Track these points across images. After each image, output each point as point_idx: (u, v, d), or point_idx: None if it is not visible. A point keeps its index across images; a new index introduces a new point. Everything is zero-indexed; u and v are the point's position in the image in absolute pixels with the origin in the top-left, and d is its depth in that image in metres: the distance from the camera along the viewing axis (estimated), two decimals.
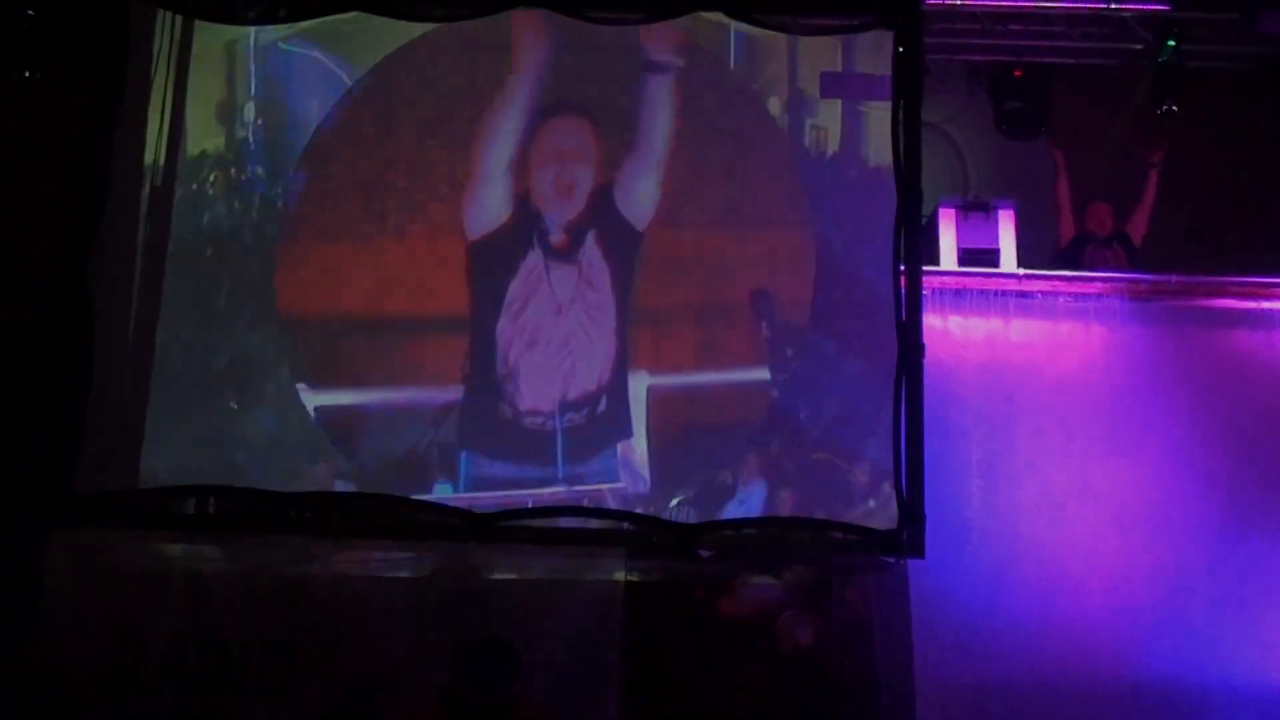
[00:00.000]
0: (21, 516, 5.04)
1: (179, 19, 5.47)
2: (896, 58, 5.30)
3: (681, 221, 5.36)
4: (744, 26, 5.37)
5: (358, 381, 5.26)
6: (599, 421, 5.18)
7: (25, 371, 5.62)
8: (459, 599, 4.92)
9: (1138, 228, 6.24)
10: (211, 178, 5.45)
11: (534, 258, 5.28)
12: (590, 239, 5.30)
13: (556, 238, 5.31)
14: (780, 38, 5.44)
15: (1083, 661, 5.05)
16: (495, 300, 5.26)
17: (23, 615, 4.90)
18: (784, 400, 5.22)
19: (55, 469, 4.97)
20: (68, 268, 5.13)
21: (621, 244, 5.31)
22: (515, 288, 5.27)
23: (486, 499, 5.09)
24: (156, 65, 5.43)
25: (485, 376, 5.22)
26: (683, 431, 5.22)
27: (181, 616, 4.83)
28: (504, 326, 5.25)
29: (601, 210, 5.33)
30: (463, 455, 5.20)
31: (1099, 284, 5.64)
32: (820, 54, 5.44)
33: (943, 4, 6.04)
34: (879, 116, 5.34)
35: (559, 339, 5.22)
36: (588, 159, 5.36)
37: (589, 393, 5.19)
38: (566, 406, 5.16)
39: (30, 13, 6.48)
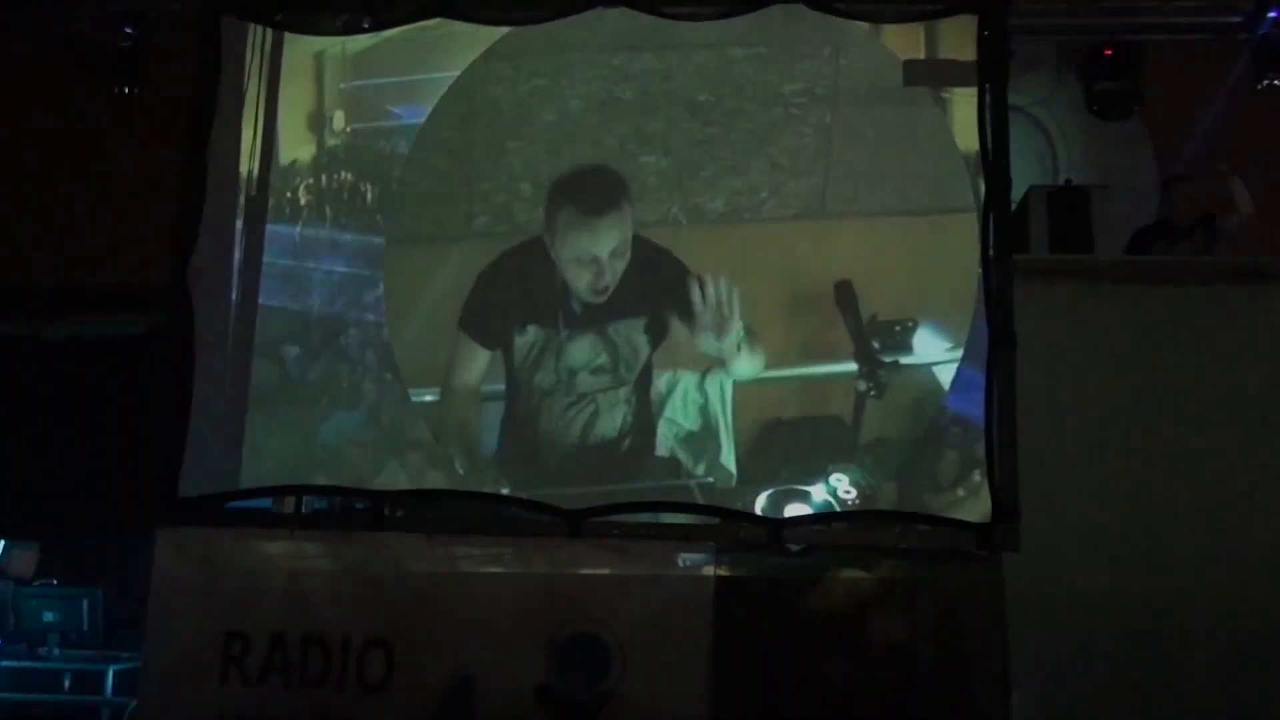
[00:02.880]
0: (131, 518, 5.25)
1: (269, 33, 5.63)
2: (981, 42, 5.20)
3: (764, 215, 5.34)
4: (825, 17, 5.31)
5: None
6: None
7: (133, 378, 5.87)
8: (551, 594, 4.97)
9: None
10: (304, 186, 5.59)
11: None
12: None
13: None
14: (862, 27, 5.37)
15: (1186, 649, 4.89)
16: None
17: (134, 612, 5.11)
18: (871, 392, 5.16)
19: (161, 471, 5.15)
20: (169, 278, 5.30)
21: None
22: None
23: (575, 494, 5.12)
24: (249, 78, 5.60)
25: None
26: (770, 426, 5.19)
27: (283, 612, 4.96)
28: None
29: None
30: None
31: (1198, 269, 5.45)
32: (903, 42, 5.36)
33: None
34: (965, 103, 5.23)
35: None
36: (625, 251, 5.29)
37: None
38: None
39: (128, 30, 6.74)
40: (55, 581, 6.57)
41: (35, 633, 6.28)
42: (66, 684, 6.03)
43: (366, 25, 5.65)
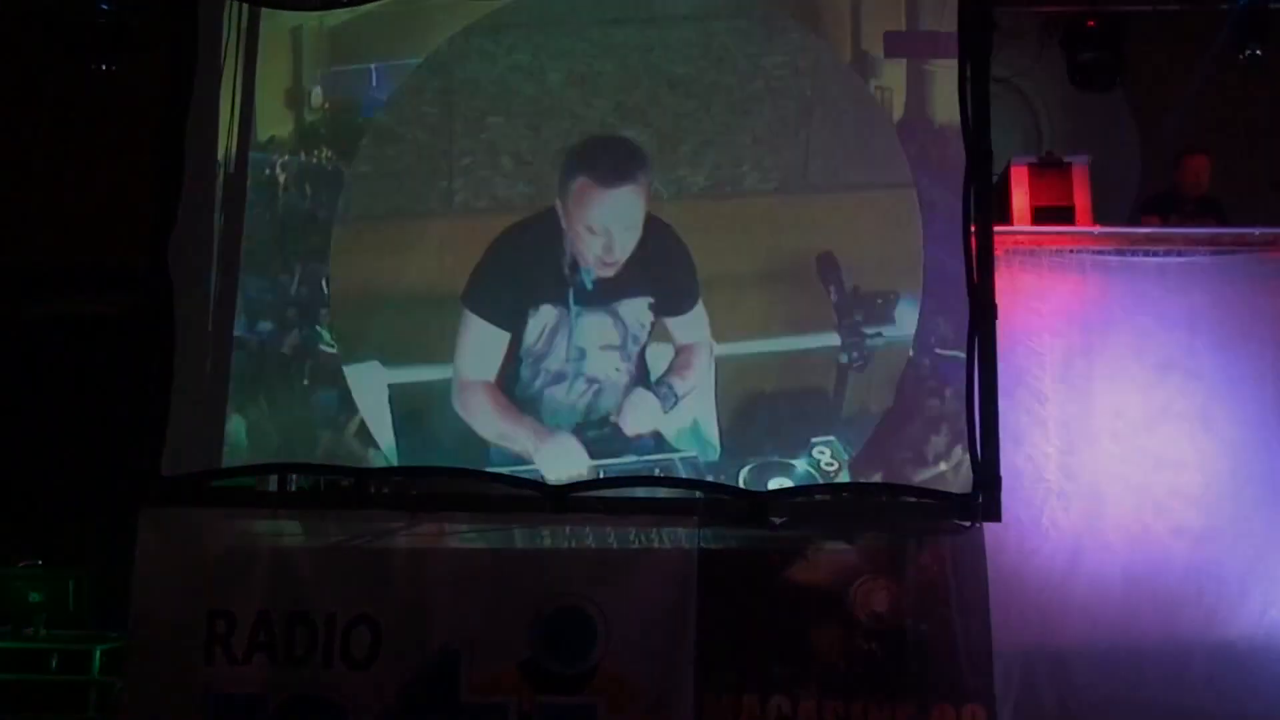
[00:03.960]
0: (114, 497, 5.24)
1: (246, 8, 5.57)
2: (963, 13, 5.18)
3: (745, 188, 5.33)
4: None
5: (430, 357, 5.32)
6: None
7: (114, 358, 5.84)
8: (536, 569, 4.99)
9: None
10: (281, 163, 5.55)
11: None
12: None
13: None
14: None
15: (1166, 623, 4.95)
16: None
17: (119, 592, 5.11)
18: (854, 364, 5.17)
19: (144, 451, 5.13)
20: (148, 257, 5.27)
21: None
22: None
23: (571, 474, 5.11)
24: (225, 54, 5.55)
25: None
26: (752, 399, 5.20)
27: (268, 590, 4.96)
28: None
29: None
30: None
31: (1177, 239, 5.47)
32: (884, 13, 5.34)
33: None
34: (946, 74, 5.22)
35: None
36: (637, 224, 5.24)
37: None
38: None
39: (104, 7, 6.67)
40: (40, 561, 6.56)
41: (21, 613, 6.26)
42: (53, 664, 6.03)
43: None
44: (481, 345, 5.24)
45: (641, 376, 5.23)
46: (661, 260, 5.25)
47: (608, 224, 5.24)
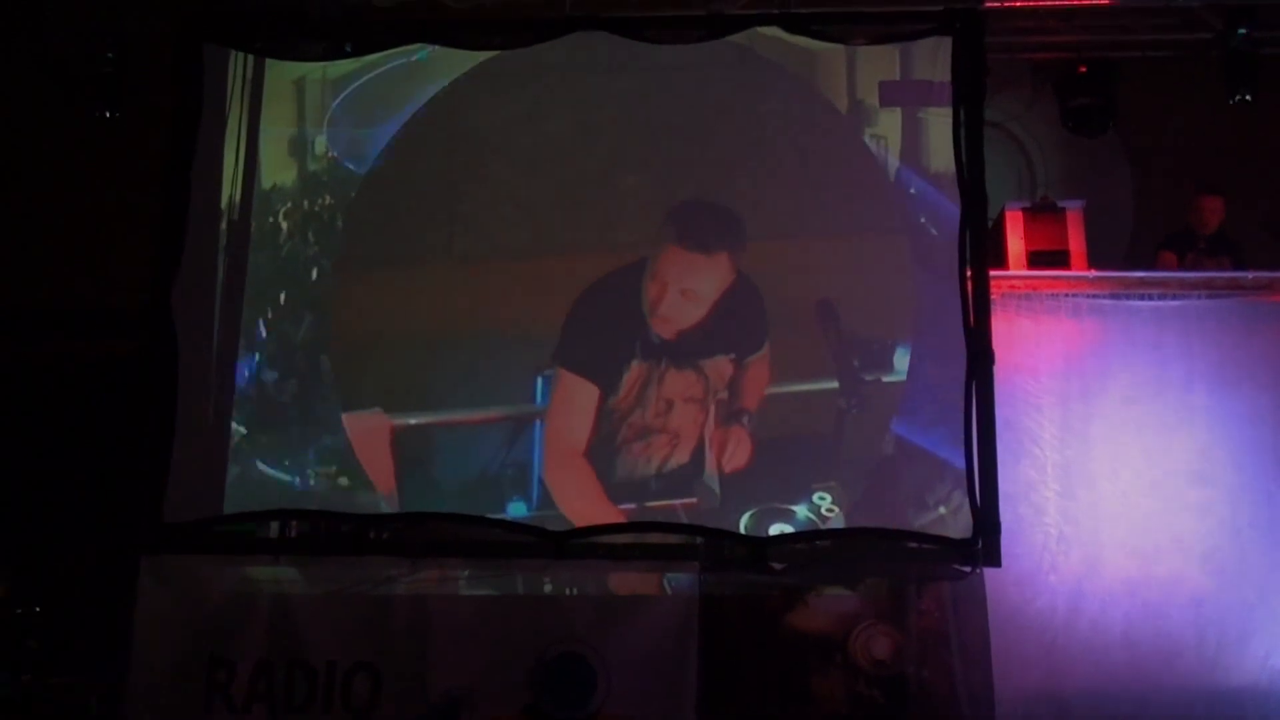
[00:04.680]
0: (115, 543, 5.23)
1: (250, 58, 5.65)
2: (956, 62, 5.26)
3: (748, 234, 5.37)
4: (802, 40, 5.37)
5: (432, 403, 5.34)
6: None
7: (116, 404, 5.85)
8: (536, 616, 4.99)
9: None
10: (284, 210, 5.60)
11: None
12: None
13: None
14: (838, 49, 5.43)
15: (1168, 669, 4.95)
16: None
17: (118, 639, 5.09)
18: (852, 409, 5.19)
19: (145, 497, 5.14)
20: (152, 302, 5.30)
21: None
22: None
23: (560, 516, 5.13)
24: (230, 103, 5.61)
25: None
26: (753, 444, 5.22)
27: (268, 638, 4.95)
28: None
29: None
30: (536, 473, 5.26)
31: (1172, 283, 5.52)
32: (878, 63, 5.42)
33: (1002, 5, 5.97)
34: (940, 122, 5.29)
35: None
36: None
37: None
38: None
39: (110, 56, 6.73)
40: (37, 608, 6.53)
41: (18, 659, 6.23)
42: (49, 711, 5.98)
43: (348, 50, 5.67)
44: (574, 402, 5.21)
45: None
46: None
47: (698, 289, 5.24)
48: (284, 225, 5.57)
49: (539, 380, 5.29)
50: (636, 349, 5.23)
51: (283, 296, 5.52)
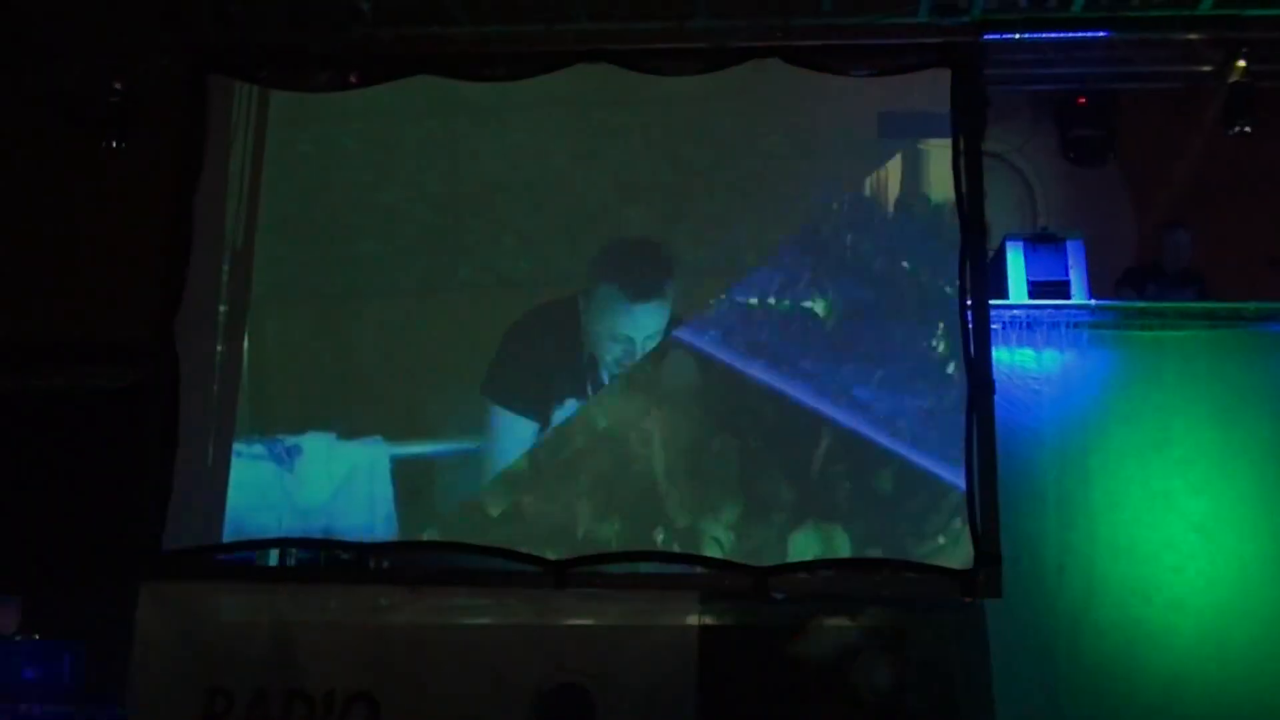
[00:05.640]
0: (114, 571, 5.23)
1: (255, 89, 5.70)
2: (955, 94, 5.29)
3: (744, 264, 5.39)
4: (801, 71, 5.40)
5: (431, 433, 5.35)
6: None
7: (117, 432, 5.87)
8: (535, 645, 4.97)
9: None
10: (289, 239, 5.63)
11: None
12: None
13: None
14: (838, 80, 5.46)
15: (1169, 702, 4.91)
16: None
17: (117, 667, 5.08)
18: (853, 437, 5.19)
19: (145, 525, 5.14)
20: (155, 331, 5.32)
21: None
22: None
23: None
24: (235, 133, 5.66)
25: None
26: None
27: (266, 667, 4.94)
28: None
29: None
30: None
31: (1173, 313, 5.53)
32: (879, 94, 5.45)
33: (1002, 38, 6.01)
34: (941, 153, 5.33)
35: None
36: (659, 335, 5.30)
37: None
38: None
39: (117, 86, 6.79)
40: (37, 636, 6.51)
41: (16, 688, 6.20)
42: None
43: (353, 80, 5.72)
44: (509, 435, 5.24)
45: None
46: None
47: (632, 334, 5.28)
48: (288, 254, 5.60)
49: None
50: (568, 386, 5.25)
51: (286, 323, 5.53)
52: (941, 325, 5.16)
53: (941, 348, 5.15)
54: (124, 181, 6.78)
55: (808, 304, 5.29)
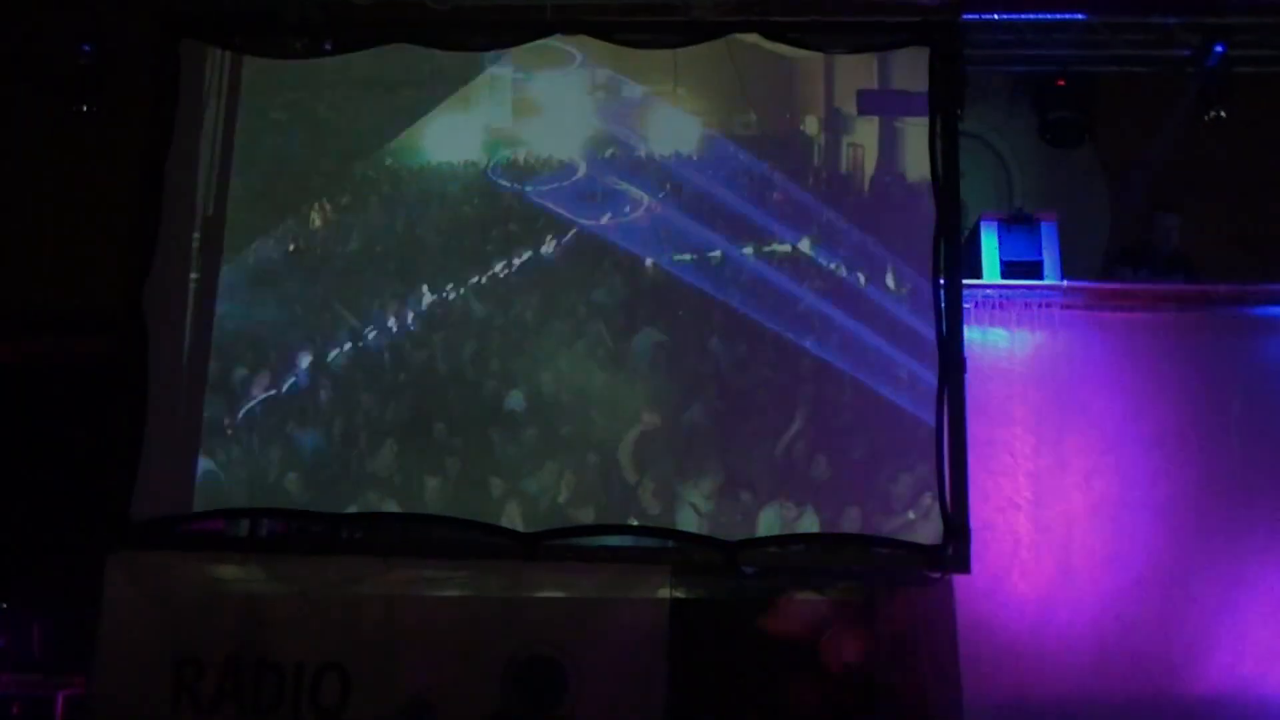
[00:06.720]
0: (82, 540, 5.19)
1: (228, 54, 5.62)
2: (933, 73, 5.29)
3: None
4: (780, 47, 5.39)
5: None
6: None
7: (86, 401, 5.81)
8: (507, 617, 4.98)
9: None
10: (261, 205, 5.58)
11: None
12: None
13: None
14: (817, 57, 5.45)
15: (1136, 676, 4.98)
16: None
17: (85, 637, 5.04)
18: (824, 414, 5.20)
19: (114, 494, 5.10)
20: (125, 299, 5.26)
21: None
22: None
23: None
24: (207, 98, 5.58)
25: None
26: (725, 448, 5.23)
27: (237, 637, 4.93)
28: None
29: None
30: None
31: (1145, 295, 5.57)
32: (857, 72, 5.45)
33: (980, 17, 6.00)
34: (917, 132, 5.33)
35: None
36: None
37: None
38: None
39: (86, 49, 6.68)
40: (4, 605, 6.46)
41: None
42: (15, 710, 5.92)
43: (328, 47, 5.65)
44: None
45: None
46: None
47: None
48: (260, 221, 5.54)
49: None
50: None
51: (259, 290, 5.49)
52: (914, 302, 5.16)
53: (914, 324, 5.15)
54: (93, 146, 6.69)
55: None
